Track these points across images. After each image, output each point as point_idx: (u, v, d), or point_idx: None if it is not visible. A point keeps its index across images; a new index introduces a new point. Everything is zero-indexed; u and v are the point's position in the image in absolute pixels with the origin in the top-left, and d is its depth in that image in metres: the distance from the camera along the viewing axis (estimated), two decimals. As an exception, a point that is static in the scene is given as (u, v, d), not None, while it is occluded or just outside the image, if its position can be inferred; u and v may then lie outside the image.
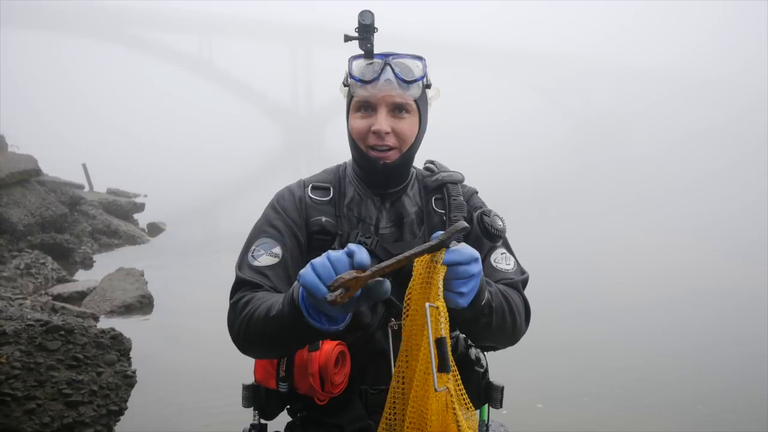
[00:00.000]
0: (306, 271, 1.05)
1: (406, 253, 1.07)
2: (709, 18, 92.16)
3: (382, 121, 1.37)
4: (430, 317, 1.05)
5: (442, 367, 1.05)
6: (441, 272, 1.09)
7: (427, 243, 1.09)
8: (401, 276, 1.41)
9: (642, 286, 8.27)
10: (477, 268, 1.12)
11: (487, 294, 1.21)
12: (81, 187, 14.39)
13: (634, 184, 20.99)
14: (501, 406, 1.48)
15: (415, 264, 1.12)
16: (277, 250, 1.40)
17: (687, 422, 4.49)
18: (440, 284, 1.08)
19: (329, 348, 1.32)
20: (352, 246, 1.06)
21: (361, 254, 1.03)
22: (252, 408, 1.51)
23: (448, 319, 1.08)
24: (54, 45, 58.06)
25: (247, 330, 1.28)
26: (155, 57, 50.85)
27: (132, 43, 49.70)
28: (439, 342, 1.05)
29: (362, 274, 1.02)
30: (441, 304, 1.07)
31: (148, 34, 49.39)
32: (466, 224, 1.08)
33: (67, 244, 9.75)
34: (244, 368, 2.11)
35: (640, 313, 7.10)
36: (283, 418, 1.53)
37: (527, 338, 1.48)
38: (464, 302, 1.12)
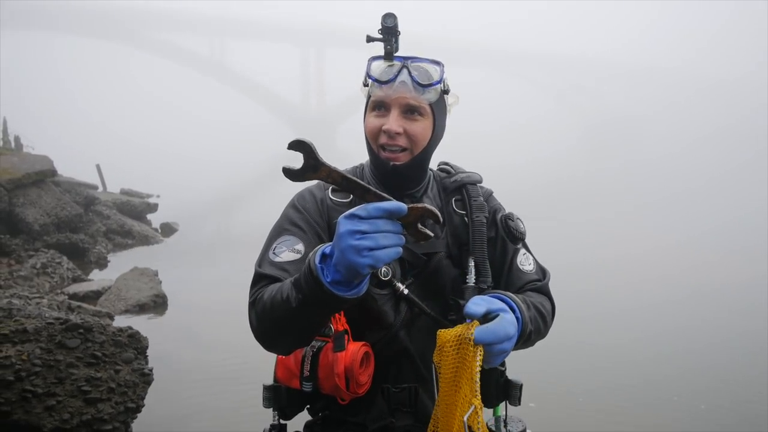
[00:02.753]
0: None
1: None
2: (721, 19, 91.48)
3: (393, 121, 1.38)
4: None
5: None
6: (476, 359, 1.07)
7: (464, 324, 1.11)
8: (426, 277, 1.44)
9: (643, 287, 8.29)
10: (510, 345, 1.15)
11: (529, 326, 1.26)
12: (95, 187, 14.54)
13: (646, 187, 20.90)
14: (519, 404, 1.49)
15: (441, 334, 1.14)
16: (300, 246, 1.38)
17: (686, 422, 4.48)
18: (477, 377, 1.07)
19: (355, 349, 1.33)
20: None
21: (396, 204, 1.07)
22: (271, 408, 1.49)
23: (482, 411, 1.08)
24: (67, 46, 58.65)
25: (268, 322, 1.24)
26: (167, 58, 51.13)
27: (144, 44, 50.02)
28: None
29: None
30: (477, 402, 1.06)
31: (160, 35, 49.68)
32: (436, 211, 1.09)
33: (82, 243, 9.89)
34: (258, 368, 2.13)
35: (639, 314, 7.11)
36: (300, 418, 1.53)
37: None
38: (496, 365, 1.18)
